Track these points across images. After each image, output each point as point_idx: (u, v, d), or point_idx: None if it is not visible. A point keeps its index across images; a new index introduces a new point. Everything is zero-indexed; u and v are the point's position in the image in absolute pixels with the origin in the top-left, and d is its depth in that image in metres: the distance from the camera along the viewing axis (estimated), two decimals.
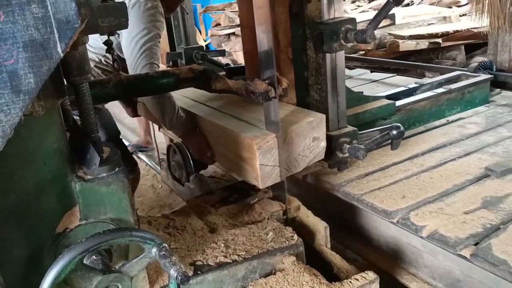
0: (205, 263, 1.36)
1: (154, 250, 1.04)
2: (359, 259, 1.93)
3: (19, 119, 0.81)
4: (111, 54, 1.53)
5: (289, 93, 1.69)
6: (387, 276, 1.67)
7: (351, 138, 1.95)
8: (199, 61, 3.42)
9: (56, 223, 1.07)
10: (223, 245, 1.44)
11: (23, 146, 0.98)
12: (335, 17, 1.88)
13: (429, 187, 1.81)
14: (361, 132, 2.00)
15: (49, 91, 1.00)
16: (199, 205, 1.78)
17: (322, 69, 1.96)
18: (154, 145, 3.68)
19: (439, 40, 4.54)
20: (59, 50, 0.82)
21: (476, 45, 4.61)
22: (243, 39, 2.34)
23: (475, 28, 4.25)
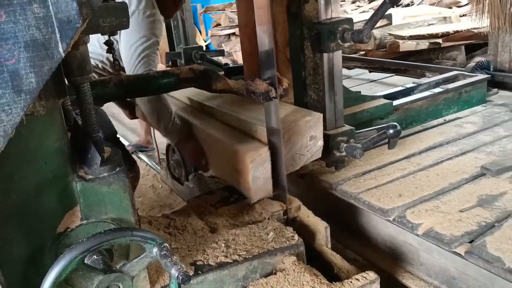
0: (205, 263, 1.36)
1: (155, 249, 1.04)
2: (360, 259, 1.93)
3: (20, 118, 0.81)
4: (112, 54, 1.53)
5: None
6: (384, 273, 1.67)
7: (348, 137, 1.96)
8: (198, 61, 3.42)
9: (57, 222, 1.07)
10: (223, 245, 1.44)
11: (24, 145, 0.98)
12: (332, 17, 1.90)
13: (425, 186, 1.82)
14: (358, 131, 2.01)
15: (50, 91, 1.00)
16: (200, 205, 1.78)
17: (319, 68, 1.97)
18: (154, 145, 3.68)
19: (439, 40, 4.55)
20: (61, 50, 0.82)
21: (476, 45, 4.62)
22: (241, 39, 2.33)
23: (475, 28, 4.26)
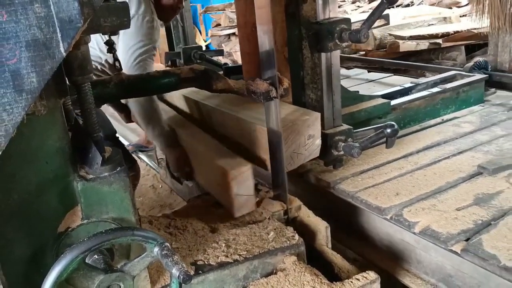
0: (206, 262, 1.36)
1: (156, 249, 1.04)
2: (360, 259, 1.93)
3: (21, 118, 0.82)
4: (113, 54, 1.53)
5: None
6: (383, 273, 1.68)
7: (346, 136, 1.96)
8: (197, 60, 3.43)
9: (58, 222, 1.08)
10: (224, 244, 1.44)
11: (26, 145, 0.98)
12: (330, 17, 1.90)
13: (422, 185, 1.83)
14: (356, 130, 2.01)
15: (51, 91, 1.00)
16: (200, 205, 1.78)
17: (317, 68, 1.98)
18: (154, 145, 3.68)
19: (440, 40, 4.54)
20: (62, 49, 0.82)
21: (476, 45, 4.62)
22: (240, 39, 2.34)
23: (475, 28, 4.26)
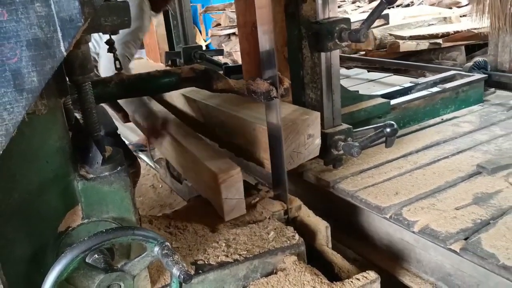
0: (206, 262, 1.36)
1: (156, 249, 1.04)
2: (360, 258, 1.93)
3: (22, 117, 0.82)
4: (113, 53, 1.53)
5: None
6: (381, 270, 1.68)
7: (346, 135, 1.97)
8: (197, 60, 3.42)
9: (58, 222, 1.08)
10: (224, 244, 1.44)
11: (26, 144, 0.98)
12: (329, 17, 1.91)
13: (421, 184, 1.83)
14: (355, 130, 2.01)
15: (52, 90, 1.00)
16: (200, 205, 1.78)
17: (317, 68, 1.98)
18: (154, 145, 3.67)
19: (440, 40, 4.54)
20: (62, 49, 0.82)
21: (476, 45, 4.62)
22: (240, 39, 2.34)
23: (475, 28, 4.25)
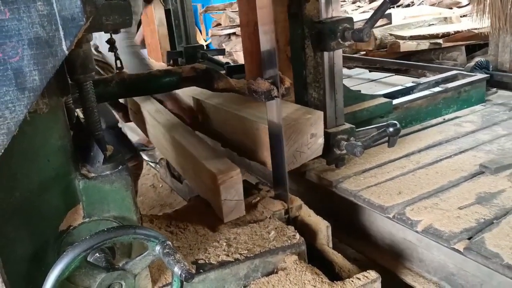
0: (207, 261, 1.36)
1: (157, 248, 1.04)
2: (361, 258, 1.93)
3: (23, 116, 0.82)
4: (114, 53, 1.54)
5: None
6: (383, 270, 1.68)
7: (349, 135, 1.96)
8: (199, 59, 3.43)
9: (59, 221, 1.08)
10: (225, 243, 1.44)
11: (27, 143, 0.98)
12: (333, 16, 1.90)
13: (424, 183, 1.83)
14: (358, 129, 2.01)
15: (53, 89, 1.00)
16: (201, 204, 1.78)
17: (320, 67, 1.98)
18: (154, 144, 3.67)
19: (440, 40, 4.55)
20: (64, 47, 0.82)
21: (477, 45, 4.62)
22: (242, 38, 2.34)
23: (476, 29, 4.26)
